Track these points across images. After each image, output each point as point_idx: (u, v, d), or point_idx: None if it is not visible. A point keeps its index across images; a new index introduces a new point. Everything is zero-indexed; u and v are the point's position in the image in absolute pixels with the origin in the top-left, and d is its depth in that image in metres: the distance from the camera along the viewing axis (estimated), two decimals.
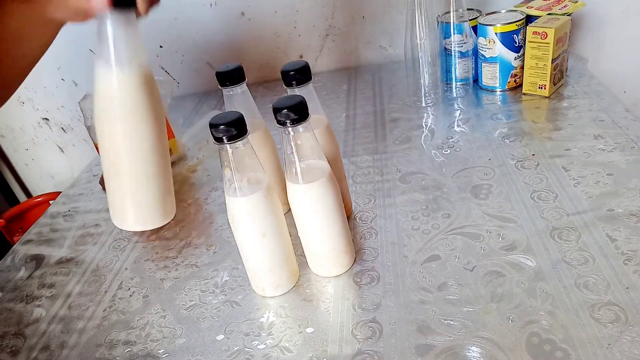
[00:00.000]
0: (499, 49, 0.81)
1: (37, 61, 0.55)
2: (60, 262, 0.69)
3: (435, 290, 0.51)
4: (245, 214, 0.50)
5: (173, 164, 0.89)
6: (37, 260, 0.70)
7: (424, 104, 0.87)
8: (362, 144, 0.80)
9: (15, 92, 0.58)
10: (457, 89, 0.88)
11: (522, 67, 0.81)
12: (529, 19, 0.81)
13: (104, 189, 0.85)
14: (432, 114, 0.84)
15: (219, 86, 0.57)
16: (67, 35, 0.51)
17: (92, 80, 0.43)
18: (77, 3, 0.47)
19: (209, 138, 0.50)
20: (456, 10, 0.81)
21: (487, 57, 0.83)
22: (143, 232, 0.71)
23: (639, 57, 1.00)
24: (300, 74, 0.54)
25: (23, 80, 0.57)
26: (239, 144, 0.47)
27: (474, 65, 0.87)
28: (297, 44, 1.09)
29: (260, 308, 0.54)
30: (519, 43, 0.81)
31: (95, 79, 0.43)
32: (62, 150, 1.27)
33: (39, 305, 0.62)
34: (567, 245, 0.53)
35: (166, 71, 1.13)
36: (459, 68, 0.86)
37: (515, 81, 0.84)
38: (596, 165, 0.63)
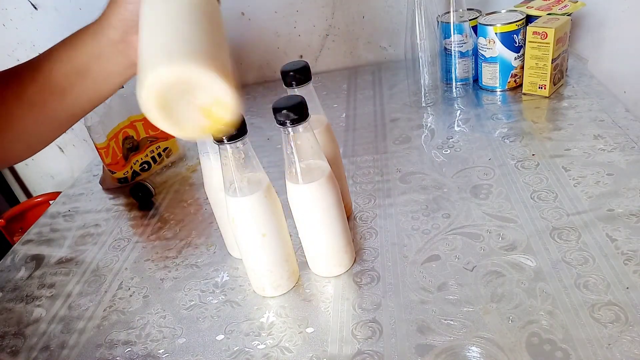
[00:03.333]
0: (499, 49, 0.81)
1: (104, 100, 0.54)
2: (60, 262, 0.69)
3: (435, 290, 0.51)
4: (245, 214, 0.50)
5: (173, 163, 0.89)
6: (37, 260, 0.70)
7: (424, 104, 0.87)
8: (362, 144, 0.80)
9: None
10: (457, 89, 0.88)
11: (522, 67, 0.81)
12: (529, 19, 0.81)
13: (104, 188, 0.85)
14: (432, 114, 0.84)
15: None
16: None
17: None
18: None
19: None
20: (456, 10, 0.81)
21: (487, 57, 0.83)
22: (143, 232, 0.71)
23: (639, 57, 0.99)
24: (300, 74, 0.54)
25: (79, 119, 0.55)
26: (239, 144, 0.47)
27: (474, 65, 0.87)
28: (297, 44, 1.09)
29: (260, 308, 0.54)
30: (519, 43, 0.81)
31: None
32: (62, 150, 1.27)
33: (39, 305, 0.62)
34: (567, 245, 0.53)
35: None
36: (459, 68, 0.86)
37: (515, 81, 0.84)
38: (596, 165, 0.63)
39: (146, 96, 0.33)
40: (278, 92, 1.05)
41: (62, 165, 1.29)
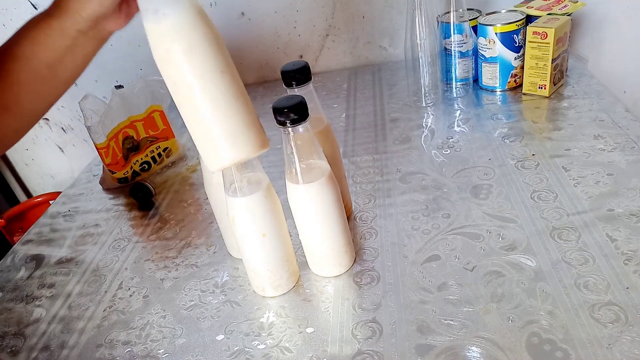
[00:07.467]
0: (499, 49, 0.81)
1: (76, 78, 0.54)
2: (60, 262, 0.69)
3: (435, 290, 0.51)
4: (245, 214, 0.50)
5: (173, 163, 0.89)
6: (37, 260, 0.70)
7: (424, 104, 0.87)
8: (362, 144, 0.80)
9: None
10: (457, 89, 0.88)
11: (522, 67, 0.81)
12: (529, 19, 0.81)
13: (104, 188, 0.85)
14: (432, 114, 0.84)
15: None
16: None
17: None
18: None
19: None
20: (456, 10, 0.81)
21: (487, 57, 0.83)
22: (143, 232, 0.71)
23: (639, 57, 0.99)
24: (300, 74, 0.54)
25: (55, 101, 0.55)
26: None
27: (474, 65, 0.87)
28: (297, 44, 1.09)
29: (260, 308, 0.54)
30: (519, 43, 0.81)
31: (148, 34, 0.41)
32: (62, 150, 1.27)
33: (39, 305, 0.62)
34: (567, 245, 0.53)
35: None
36: (459, 68, 0.86)
37: (515, 81, 0.84)
38: (596, 165, 0.63)
39: (222, 167, 0.46)
40: (278, 92, 1.05)
41: (62, 165, 1.29)
